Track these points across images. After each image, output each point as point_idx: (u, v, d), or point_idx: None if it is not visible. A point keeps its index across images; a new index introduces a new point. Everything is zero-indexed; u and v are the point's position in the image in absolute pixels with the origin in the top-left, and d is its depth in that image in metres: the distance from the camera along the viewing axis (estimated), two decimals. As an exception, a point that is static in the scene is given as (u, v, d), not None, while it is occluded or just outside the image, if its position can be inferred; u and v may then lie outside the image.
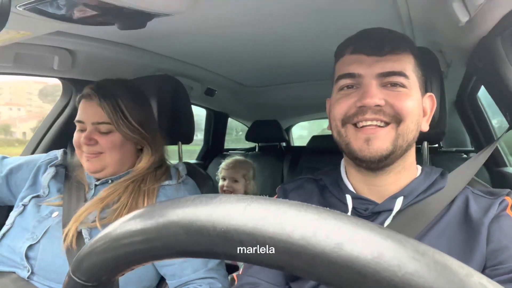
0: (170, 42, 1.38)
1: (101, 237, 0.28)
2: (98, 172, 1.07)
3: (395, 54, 0.72)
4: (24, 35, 0.93)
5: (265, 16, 1.12)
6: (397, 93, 0.70)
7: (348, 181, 0.79)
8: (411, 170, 0.76)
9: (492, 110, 1.98)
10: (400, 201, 0.72)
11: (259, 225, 0.22)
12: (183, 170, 1.17)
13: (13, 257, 0.97)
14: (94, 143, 1.04)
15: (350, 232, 0.22)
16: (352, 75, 0.72)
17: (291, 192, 0.86)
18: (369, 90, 0.69)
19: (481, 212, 0.68)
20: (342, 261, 0.21)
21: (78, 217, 0.97)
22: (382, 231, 0.22)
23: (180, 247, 0.25)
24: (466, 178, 0.76)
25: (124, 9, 0.75)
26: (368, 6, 1.06)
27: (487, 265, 0.64)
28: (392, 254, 0.21)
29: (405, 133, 0.69)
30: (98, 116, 1.04)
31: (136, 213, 0.27)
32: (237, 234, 0.23)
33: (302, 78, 2.12)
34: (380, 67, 0.70)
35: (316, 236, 0.21)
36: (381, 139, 0.68)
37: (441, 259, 0.21)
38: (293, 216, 0.23)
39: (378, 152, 0.68)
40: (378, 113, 0.68)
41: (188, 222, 0.24)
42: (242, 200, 0.24)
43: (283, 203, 0.24)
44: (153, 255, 0.27)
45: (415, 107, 0.71)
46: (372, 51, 0.71)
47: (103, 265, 0.28)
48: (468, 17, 0.82)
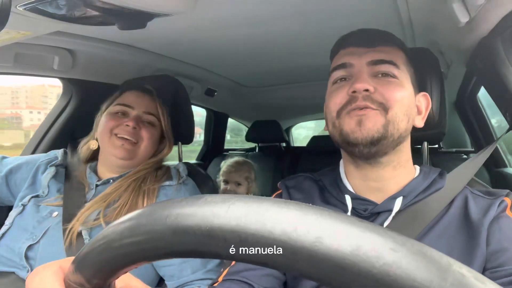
0: (170, 42, 1.38)
1: (91, 245, 0.29)
2: (126, 159, 1.10)
3: (386, 46, 0.74)
4: (24, 35, 0.93)
5: (265, 16, 1.12)
6: (387, 82, 0.71)
7: (347, 181, 0.79)
8: (408, 168, 0.76)
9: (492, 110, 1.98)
10: (400, 201, 0.72)
11: (242, 223, 0.23)
12: (184, 171, 1.19)
13: (13, 257, 0.96)
14: (138, 129, 1.11)
15: (330, 226, 0.22)
16: (343, 65, 0.74)
17: (291, 188, 0.86)
18: (360, 76, 0.71)
19: (481, 213, 0.67)
20: (322, 254, 0.21)
21: (80, 215, 0.98)
22: (361, 224, 0.22)
23: (168, 248, 0.25)
24: (465, 178, 0.76)
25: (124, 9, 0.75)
26: (368, 7, 1.06)
27: (487, 267, 0.63)
28: (370, 246, 0.21)
29: (395, 121, 0.69)
30: (150, 107, 1.15)
31: (125, 217, 0.28)
32: (222, 233, 0.23)
33: (302, 79, 2.12)
34: (370, 55, 0.73)
35: (297, 231, 0.22)
36: (371, 120, 0.68)
37: (420, 249, 0.21)
38: (275, 213, 0.23)
39: (370, 133, 0.68)
40: (367, 99, 0.69)
41: (175, 223, 0.24)
42: (227, 200, 0.24)
43: (266, 201, 0.24)
44: (145, 256, 0.27)
45: (404, 97, 0.71)
46: (363, 43, 0.74)
47: (96, 269, 0.28)
48: (468, 18, 0.82)
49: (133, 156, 1.10)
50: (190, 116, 1.41)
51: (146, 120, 1.13)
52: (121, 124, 1.09)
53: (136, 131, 1.10)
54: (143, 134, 1.11)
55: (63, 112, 1.56)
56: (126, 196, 1.04)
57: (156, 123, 1.15)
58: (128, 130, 1.08)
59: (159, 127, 1.17)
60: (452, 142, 2.42)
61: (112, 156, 1.09)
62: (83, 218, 0.97)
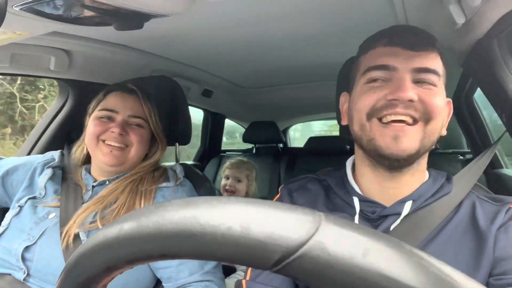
0: (167, 43, 1.37)
1: (77, 255, 0.29)
2: (116, 166, 1.08)
3: (429, 51, 0.69)
4: (21, 35, 0.92)
5: (262, 17, 1.12)
6: (428, 91, 0.67)
7: (355, 183, 0.77)
8: (422, 173, 0.75)
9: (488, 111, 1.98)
10: (409, 205, 0.70)
11: (163, 225, 0.25)
12: (181, 172, 1.18)
13: (9, 259, 0.96)
14: (125, 134, 1.07)
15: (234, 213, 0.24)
16: (386, 67, 0.69)
17: (295, 192, 0.83)
18: (404, 84, 0.66)
19: (488, 220, 0.67)
20: (223, 238, 0.23)
21: (77, 217, 0.97)
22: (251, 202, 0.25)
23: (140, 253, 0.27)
24: (470, 182, 0.75)
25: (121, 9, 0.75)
26: (365, 8, 1.06)
27: (492, 273, 0.63)
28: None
29: (432, 134, 0.68)
30: (136, 109, 1.11)
31: (107, 225, 0.29)
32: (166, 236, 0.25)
33: (300, 80, 2.12)
34: (416, 62, 0.68)
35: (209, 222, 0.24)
36: (409, 137, 0.66)
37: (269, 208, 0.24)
38: (200, 211, 0.25)
39: (407, 150, 0.66)
40: (409, 108, 0.65)
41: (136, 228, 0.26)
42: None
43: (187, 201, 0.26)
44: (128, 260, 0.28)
45: (443, 107, 0.69)
46: (408, 45, 0.69)
47: (84, 277, 0.29)
48: (465, 19, 0.82)
49: (124, 161, 1.09)
50: (187, 116, 1.41)
51: (133, 123, 1.10)
52: (107, 130, 1.06)
53: (124, 136, 1.07)
54: (132, 138, 1.08)
55: (59, 112, 1.55)
56: (123, 197, 1.03)
57: (144, 125, 1.12)
58: (114, 136, 1.06)
59: (148, 128, 1.14)
60: (449, 143, 2.43)
61: (102, 163, 1.08)
62: (80, 220, 0.96)
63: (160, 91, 1.31)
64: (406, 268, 0.22)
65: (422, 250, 0.24)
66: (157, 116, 1.15)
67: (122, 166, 1.10)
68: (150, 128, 1.14)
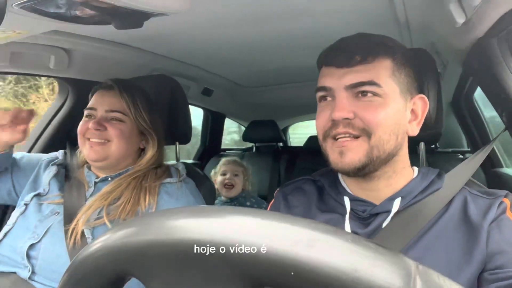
0: (167, 41, 1.37)
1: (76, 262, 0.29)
2: (99, 161, 1.08)
3: (367, 63, 0.70)
4: (20, 34, 0.92)
5: (261, 16, 1.12)
6: (368, 104, 0.69)
7: (346, 184, 0.79)
8: (404, 173, 0.76)
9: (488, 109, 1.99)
10: (398, 202, 0.72)
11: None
12: (183, 170, 1.19)
13: (14, 257, 0.96)
14: (103, 129, 1.07)
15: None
16: (324, 88, 0.73)
17: (289, 195, 0.85)
18: (338, 103, 0.69)
19: (480, 214, 0.67)
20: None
21: (83, 214, 0.98)
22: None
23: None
24: (463, 178, 0.76)
25: (121, 8, 0.75)
26: (365, 7, 1.06)
27: (486, 268, 0.64)
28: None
29: (380, 145, 0.69)
30: (113, 104, 1.10)
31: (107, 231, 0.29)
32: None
33: (299, 79, 2.12)
34: (349, 78, 0.70)
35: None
36: (353, 151, 0.69)
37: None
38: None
39: (351, 164, 0.69)
40: (347, 126, 0.69)
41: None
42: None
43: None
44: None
45: (388, 117, 0.69)
46: (342, 63, 0.71)
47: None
48: (465, 18, 0.82)
49: (106, 156, 1.08)
50: (187, 115, 1.40)
51: (112, 118, 1.09)
52: (87, 127, 1.07)
53: (101, 131, 1.07)
54: (111, 132, 1.08)
55: (59, 111, 1.55)
56: (128, 193, 1.04)
57: (124, 119, 1.10)
58: (93, 132, 1.06)
59: (130, 121, 1.11)
60: (449, 142, 2.43)
61: (87, 159, 1.10)
62: (86, 217, 0.97)
63: (160, 90, 1.31)
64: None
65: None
66: (141, 110, 1.12)
67: (108, 161, 1.09)
68: (132, 122, 1.12)
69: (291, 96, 2.47)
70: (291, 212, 0.82)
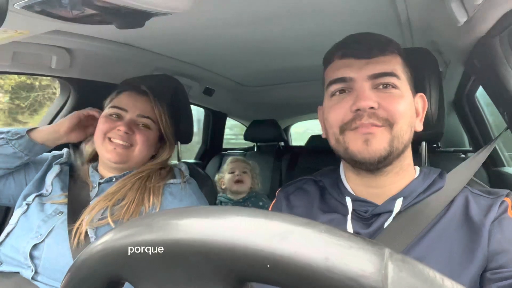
0: (168, 41, 1.37)
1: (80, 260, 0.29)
2: (119, 163, 1.09)
3: (384, 55, 0.72)
4: (22, 34, 0.92)
5: (263, 16, 1.12)
6: (390, 95, 0.70)
7: (348, 184, 0.79)
8: (409, 171, 0.76)
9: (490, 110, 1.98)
10: (400, 202, 0.72)
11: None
12: (186, 170, 1.20)
13: (17, 257, 0.96)
14: (131, 133, 1.08)
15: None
16: (343, 80, 0.72)
17: (291, 195, 0.85)
18: (363, 93, 0.69)
19: (482, 213, 0.67)
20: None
21: (87, 214, 0.98)
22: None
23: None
24: (465, 178, 0.76)
25: (122, 8, 0.75)
26: (367, 7, 1.06)
27: (488, 267, 0.63)
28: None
29: (400, 135, 0.69)
30: (145, 110, 1.12)
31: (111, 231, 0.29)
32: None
33: (301, 78, 2.12)
34: (370, 68, 0.70)
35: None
36: (378, 138, 0.68)
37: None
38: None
39: (377, 152, 0.68)
40: (372, 117, 0.68)
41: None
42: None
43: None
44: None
45: (407, 108, 0.71)
46: (361, 54, 0.72)
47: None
48: (467, 17, 0.82)
49: (127, 159, 1.09)
50: (189, 115, 1.41)
51: (141, 123, 1.11)
52: (114, 128, 1.07)
53: (129, 135, 1.08)
54: (137, 138, 1.09)
55: (61, 111, 1.55)
56: (132, 194, 1.04)
57: (152, 126, 1.13)
58: (120, 134, 1.07)
59: (157, 129, 1.15)
60: (450, 141, 2.42)
61: (106, 159, 1.09)
62: (90, 218, 0.97)
63: (162, 90, 1.31)
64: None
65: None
66: (167, 118, 1.15)
67: (127, 164, 1.11)
68: (158, 130, 1.15)
69: (293, 96, 2.47)
70: (292, 212, 0.81)
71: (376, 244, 0.23)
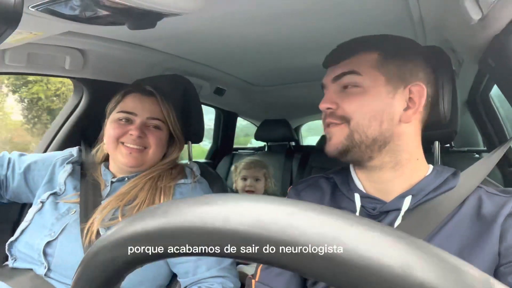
0: (179, 41, 1.38)
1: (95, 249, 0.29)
2: (136, 167, 1.10)
3: (351, 57, 0.76)
4: (36, 36, 0.94)
5: (274, 15, 1.11)
6: (348, 94, 0.75)
7: (358, 180, 0.79)
8: (415, 167, 0.75)
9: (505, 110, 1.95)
10: (409, 200, 0.71)
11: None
12: (197, 170, 1.21)
13: (31, 254, 0.98)
14: (144, 136, 1.09)
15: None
16: (322, 86, 0.84)
17: (302, 191, 0.86)
18: (325, 96, 0.79)
19: (495, 210, 0.67)
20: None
21: (99, 214, 0.99)
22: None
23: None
24: (478, 177, 0.75)
25: (134, 9, 0.76)
26: (379, 5, 1.05)
27: (501, 262, 0.63)
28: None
29: (359, 129, 0.72)
30: (154, 112, 1.12)
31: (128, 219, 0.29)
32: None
33: (312, 77, 2.11)
34: (333, 72, 0.78)
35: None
36: (336, 135, 0.76)
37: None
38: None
39: (334, 146, 0.76)
40: (330, 115, 0.77)
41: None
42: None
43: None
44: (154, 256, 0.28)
45: (365, 104, 0.73)
46: (332, 61, 0.81)
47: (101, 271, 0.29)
48: (481, 15, 0.81)
49: (143, 162, 1.11)
50: (200, 115, 1.41)
51: (152, 125, 1.12)
52: (126, 132, 1.08)
53: (142, 138, 1.09)
54: (150, 140, 1.10)
55: (74, 110, 1.58)
56: (143, 194, 1.05)
57: (162, 126, 1.14)
58: (133, 139, 1.08)
59: (166, 129, 1.16)
60: (464, 141, 2.38)
61: (122, 164, 1.10)
62: (102, 217, 0.98)
63: (173, 90, 1.32)
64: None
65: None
66: (175, 117, 1.16)
67: (141, 167, 1.12)
68: (168, 129, 1.16)
69: (303, 95, 2.46)
70: None
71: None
